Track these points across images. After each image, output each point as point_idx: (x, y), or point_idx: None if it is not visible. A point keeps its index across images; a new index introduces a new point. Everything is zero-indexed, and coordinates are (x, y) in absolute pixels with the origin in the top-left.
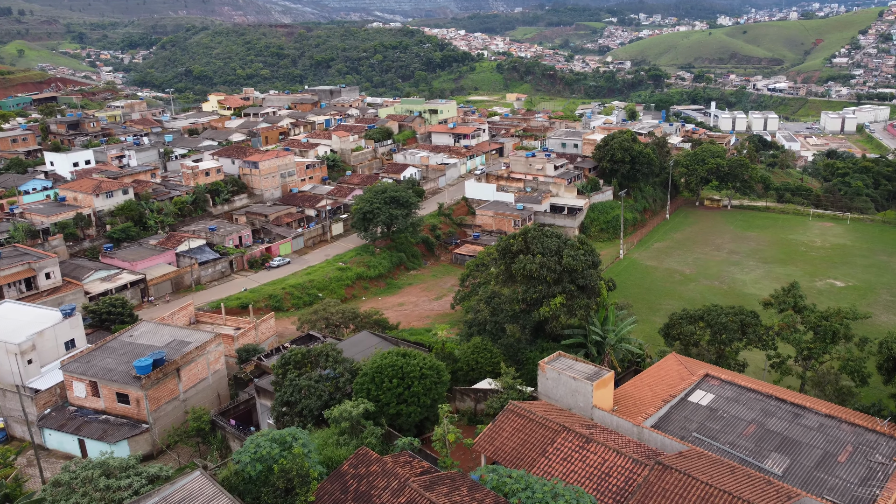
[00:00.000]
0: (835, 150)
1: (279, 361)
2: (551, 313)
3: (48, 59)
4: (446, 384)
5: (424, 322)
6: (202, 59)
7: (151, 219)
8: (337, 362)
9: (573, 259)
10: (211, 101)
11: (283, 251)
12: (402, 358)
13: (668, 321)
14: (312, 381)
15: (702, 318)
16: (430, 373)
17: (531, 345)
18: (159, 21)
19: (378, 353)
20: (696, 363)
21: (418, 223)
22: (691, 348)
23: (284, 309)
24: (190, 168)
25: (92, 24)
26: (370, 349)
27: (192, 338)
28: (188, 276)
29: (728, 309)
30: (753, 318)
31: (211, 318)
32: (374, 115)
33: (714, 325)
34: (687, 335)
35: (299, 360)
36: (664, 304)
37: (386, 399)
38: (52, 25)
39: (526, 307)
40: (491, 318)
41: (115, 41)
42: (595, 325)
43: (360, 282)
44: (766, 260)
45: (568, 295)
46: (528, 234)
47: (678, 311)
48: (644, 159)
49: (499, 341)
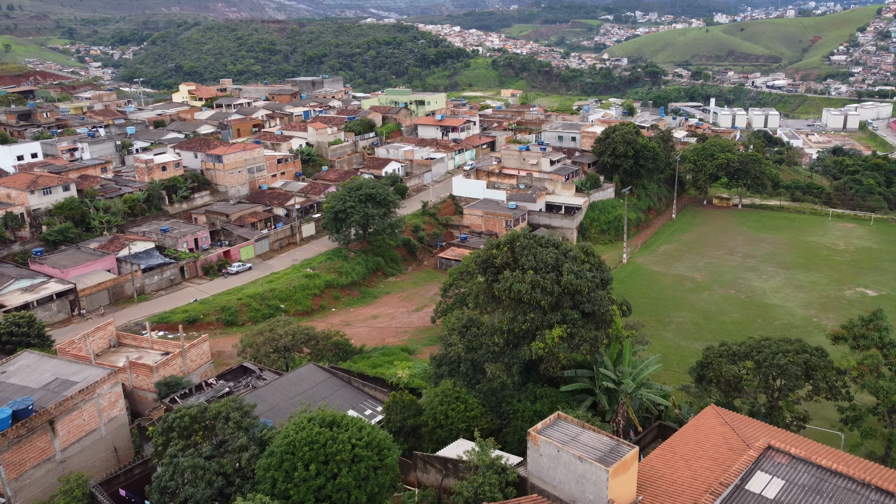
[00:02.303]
0: (840, 146)
1: (160, 427)
2: (547, 350)
3: (36, 54)
4: (392, 470)
5: (401, 338)
6: (192, 55)
7: (96, 218)
8: (241, 428)
9: (576, 276)
10: (181, 91)
11: (244, 255)
12: (328, 430)
13: (701, 358)
14: (201, 457)
15: (749, 355)
16: (367, 454)
17: (520, 391)
18: (151, 17)
19: (294, 421)
20: (745, 422)
21: (398, 224)
22: (732, 393)
23: (239, 323)
24: (144, 162)
25: (83, 19)
26: (312, 390)
27: (80, 375)
28: (129, 284)
29: (785, 343)
30: (821, 356)
31: (136, 340)
32: (358, 106)
33: (767, 367)
34: (729, 379)
35: (187, 426)
36: (675, 317)
37: (299, 496)
38: (41, 21)
39: (513, 340)
40: (467, 356)
41: (106, 37)
42: (606, 366)
43: (330, 290)
44: (785, 265)
45: (569, 324)
46: (517, 242)
47: (715, 345)
48: (649, 153)
49: (477, 386)
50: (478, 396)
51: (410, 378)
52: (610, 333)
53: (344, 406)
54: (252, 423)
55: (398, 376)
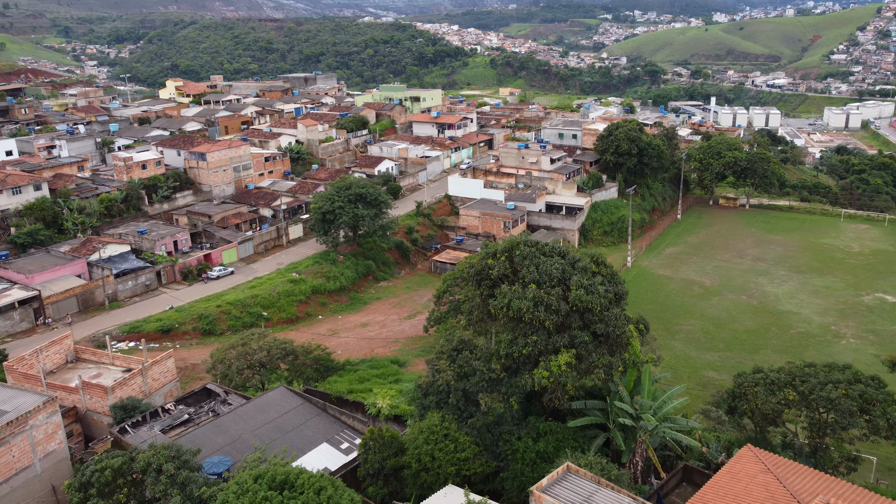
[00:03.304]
0: (844, 146)
1: (76, 482)
2: (552, 379)
3: (31, 52)
4: None
5: (391, 349)
6: (189, 54)
7: (69, 220)
8: (176, 484)
9: (586, 292)
10: (168, 87)
11: (226, 259)
12: (278, 495)
13: (733, 387)
14: None
15: (790, 384)
16: None
17: (519, 426)
18: (148, 16)
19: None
20: (791, 469)
21: (390, 225)
22: (768, 428)
23: (218, 332)
24: (122, 160)
25: (79, 18)
26: (282, 419)
27: (11, 403)
28: (100, 290)
29: (835, 371)
30: (878, 388)
31: (96, 355)
32: (351, 103)
33: (814, 399)
34: (767, 413)
35: (109, 482)
36: (684, 325)
37: None
38: (37, 19)
39: (512, 366)
40: (457, 385)
41: (102, 35)
42: (622, 398)
43: (317, 296)
44: (798, 269)
45: (578, 349)
46: (517, 250)
47: (747, 372)
48: (653, 151)
49: (469, 421)
50: (470, 433)
51: (391, 409)
52: (626, 358)
53: (317, 438)
54: (190, 477)
55: (377, 406)
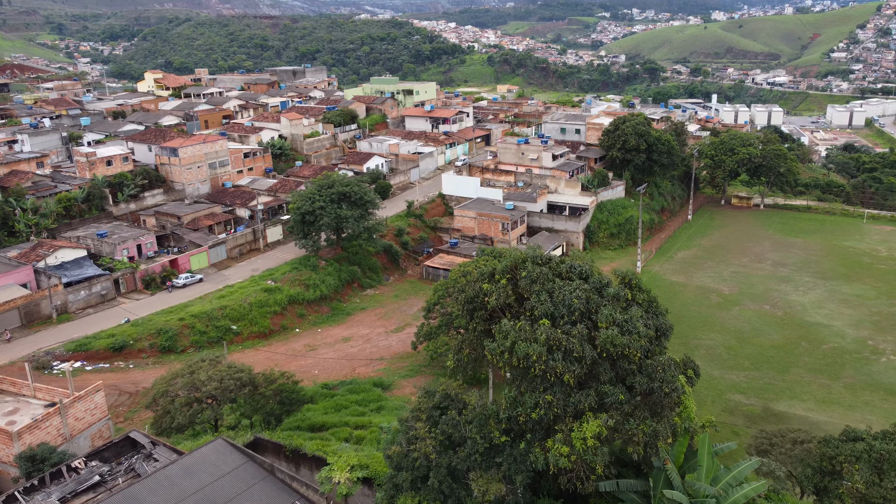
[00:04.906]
0: (852, 143)
1: None
2: (574, 458)
3: (22, 49)
4: None
5: (374, 368)
6: (183, 51)
7: (22, 221)
8: None
9: (621, 331)
10: (147, 79)
11: (195, 264)
12: None
13: (820, 459)
14: None
15: None
16: None
17: None
18: (143, 13)
19: None
20: None
21: (378, 227)
22: None
23: (178, 350)
24: (85, 155)
25: (73, 15)
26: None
27: None
28: (47, 302)
29: None
30: None
31: (16, 385)
32: (340, 97)
33: None
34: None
35: None
36: (703, 339)
37: None
38: (31, 16)
39: (517, 432)
40: (440, 459)
41: (96, 33)
42: (671, 477)
43: (295, 307)
44: (823, 275)
45: (611, 412)
46: (523, 271)
47: (833, 436)
48: (663, 147)
49: None
50: None
51: (358, 471)
52: (676, 424)
53: None
54: None
55: (333, 482)
